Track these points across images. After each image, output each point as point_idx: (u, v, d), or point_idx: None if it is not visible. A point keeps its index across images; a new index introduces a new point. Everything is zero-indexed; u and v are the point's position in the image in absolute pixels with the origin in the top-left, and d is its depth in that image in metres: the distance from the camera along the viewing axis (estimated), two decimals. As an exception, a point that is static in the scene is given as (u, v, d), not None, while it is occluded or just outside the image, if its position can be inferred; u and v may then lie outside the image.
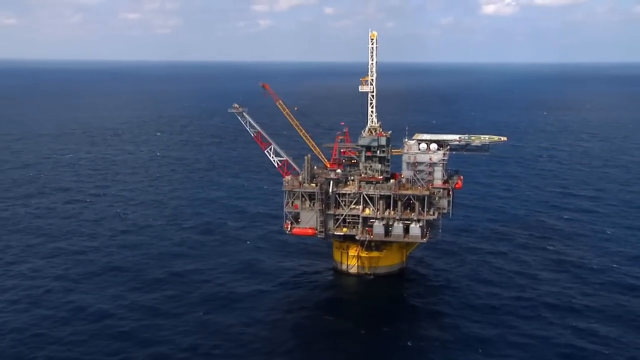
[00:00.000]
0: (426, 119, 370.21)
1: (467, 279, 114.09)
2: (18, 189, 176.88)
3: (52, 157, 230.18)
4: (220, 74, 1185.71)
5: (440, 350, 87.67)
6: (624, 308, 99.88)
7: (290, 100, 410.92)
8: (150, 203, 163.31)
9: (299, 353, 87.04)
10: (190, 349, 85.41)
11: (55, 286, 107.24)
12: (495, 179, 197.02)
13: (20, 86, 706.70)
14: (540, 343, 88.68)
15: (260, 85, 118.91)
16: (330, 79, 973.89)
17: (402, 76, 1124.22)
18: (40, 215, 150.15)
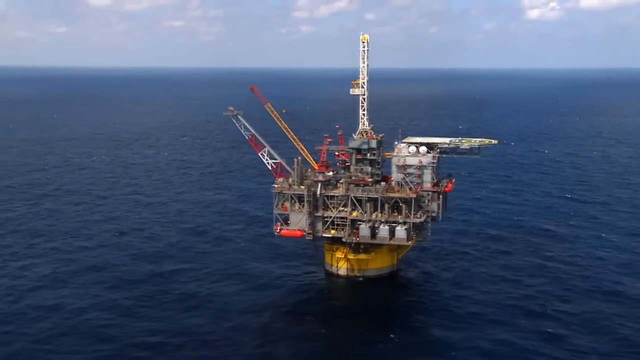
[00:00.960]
0: (453, 124, 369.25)
1: (453, 285, 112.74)
2: (32, 190, 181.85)
3: (74, 160, 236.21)
4: (262, 80, 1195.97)
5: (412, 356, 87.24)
6: (602, 315, 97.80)
7: (322, 104, 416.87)
8: (156, 205, 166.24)
9: (259, 354, 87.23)
10: (155, 346, 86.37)
11: (37, 285, 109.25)
12: (506, 184, 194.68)
13: (63, 92, 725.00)
14: (512, 350, 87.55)
15: (249, 88, 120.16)
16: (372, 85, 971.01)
17: (442, 82, 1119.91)
18: (45, 216, 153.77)
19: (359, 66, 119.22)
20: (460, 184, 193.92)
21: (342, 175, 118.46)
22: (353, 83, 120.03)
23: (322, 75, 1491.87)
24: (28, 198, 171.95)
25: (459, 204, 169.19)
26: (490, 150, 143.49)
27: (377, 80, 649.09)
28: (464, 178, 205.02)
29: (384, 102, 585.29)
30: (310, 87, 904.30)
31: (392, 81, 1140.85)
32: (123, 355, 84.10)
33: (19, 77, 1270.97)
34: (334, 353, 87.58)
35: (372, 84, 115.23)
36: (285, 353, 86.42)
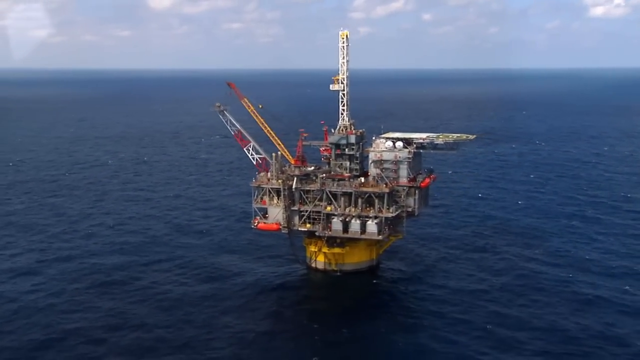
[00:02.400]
0: (485, 124, 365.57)
1: (431, 282, 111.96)
2: (43, 185, 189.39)
3: (100, 158, 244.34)
4: (316, 81, 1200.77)
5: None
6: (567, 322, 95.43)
7: (359, 104, 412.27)
8: (157, 200, 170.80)
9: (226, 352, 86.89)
10: (99, 342, 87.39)
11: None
12: (523, 185, 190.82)
13: (119, 94, 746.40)
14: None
15: (226, 83, 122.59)
16: (425, 85, 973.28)
17: (496, 83, 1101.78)
18: (47, 210, 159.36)
19: (419, 67, 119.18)
20: (467, 181, 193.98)
21: (320, 170, 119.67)
22: (333, 79, 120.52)
23: (378, 76, 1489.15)
24: (41, 194, 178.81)
25: (456, 201, 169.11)
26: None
27: (430, 80, 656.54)
28: (472, 175, 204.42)
29: (426, 101, 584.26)
30: (359, 87, 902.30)
31: (445, 82, 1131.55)
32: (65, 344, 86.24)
33: (83, 80, 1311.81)
34: (301, 347, 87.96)
35: (425, 85, 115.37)
36: (252, 348, 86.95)
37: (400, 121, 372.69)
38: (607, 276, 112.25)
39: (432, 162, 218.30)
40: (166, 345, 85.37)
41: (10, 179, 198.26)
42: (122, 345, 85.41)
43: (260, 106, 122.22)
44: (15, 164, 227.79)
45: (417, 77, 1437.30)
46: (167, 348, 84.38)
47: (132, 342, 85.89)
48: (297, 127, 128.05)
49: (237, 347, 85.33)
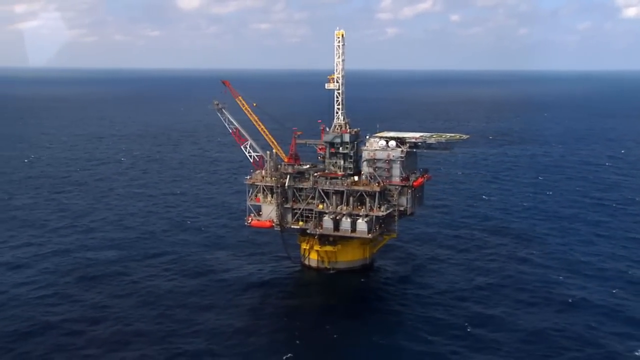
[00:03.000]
0: (503, 126, 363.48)
1: (417, 284, 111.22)
2: (55, 182, 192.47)
3: (114, 155, 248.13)
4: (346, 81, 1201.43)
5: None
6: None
7: (384, 103, 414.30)
8: (161, 197, 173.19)
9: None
10: (78, 333, 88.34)
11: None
12: (528, 187, 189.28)
13: (142, 93, 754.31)
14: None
15: (220, 82, 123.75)
16: (452, 87, 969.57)
17: (523, 84, 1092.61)
18: (53, 205, 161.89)
19: (447, 68, 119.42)
20: (474, 182, 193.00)
21: (313, 168, 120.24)
22: (329, 78, 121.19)
23: (404, 78, 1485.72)
24: (50, 189, 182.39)
25: (459, 202, 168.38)
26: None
27: (457, 82, 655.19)
28: (479, 176, 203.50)
29: (448, 103, 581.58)
30: (383, 89, 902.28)
31: (472, 83, 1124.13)
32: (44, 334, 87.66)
33: (112, 79, 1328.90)
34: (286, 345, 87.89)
35: (451, 86, 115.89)
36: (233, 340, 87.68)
37: (418, 122, 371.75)
38: (597, 279, 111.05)
39: (442, 163, 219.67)
40: (143, 338, 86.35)
41: (23, 175, 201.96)
42: (100, 338, 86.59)
43: (255, 104, 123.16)
44: (30, 160, 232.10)
45: (444, 78, 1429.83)
46: (144, 342, 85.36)
47: (110, 336, 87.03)
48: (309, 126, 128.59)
49: (212, 342, 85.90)
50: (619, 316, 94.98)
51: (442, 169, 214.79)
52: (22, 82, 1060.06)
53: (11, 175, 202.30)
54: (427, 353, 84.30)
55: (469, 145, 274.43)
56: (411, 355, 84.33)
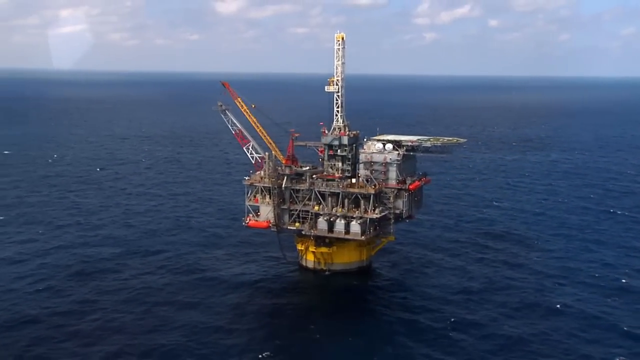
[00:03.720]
0: (530, 132, 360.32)
1: (407, 289, 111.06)
2: (71, 180, 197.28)
3: (136, 156, 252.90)
4: (382, 86, 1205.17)
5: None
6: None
7: (408, 109, 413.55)
8: (170, 197, 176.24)
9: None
10: (58, 327, 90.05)
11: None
12: (542, 194, 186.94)
13: (177, 95, 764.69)
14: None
15: (220, 83, 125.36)
16: (488, 92, 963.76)
17: (560, 91, 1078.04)
18: (64, 203, 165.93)
19: (486, 74, 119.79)
20: (488, 188, 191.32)
21: (313, 170, 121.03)
22: (329, 80, 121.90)
23: (440, 83, 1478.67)
24: (65, 188, 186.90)
25: (468, 207, 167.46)
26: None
27: (494, 88, 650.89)
28: (494, 182, 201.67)
29: (480, 108, 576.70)
30: (419, 94, 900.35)
31: (509, 89, 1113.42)
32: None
33: (150, 82, 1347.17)
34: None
35: (487, 92, 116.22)
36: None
37: (444, 127, 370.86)
38: (591, 287, 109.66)
39: (458, 168, 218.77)
40: (123, 333, 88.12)
41: (42, 173, 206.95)
42: (81, 331, 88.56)
43: (253, 106, 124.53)
44: (53, 159, 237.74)
45: (481, 84, 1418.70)
46: (123, 337, 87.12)
47: (91, 330, 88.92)
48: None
49: (191, 338, 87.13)
50: (603, 324, 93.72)
51: (457, 174, 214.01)
52: (65, 84, 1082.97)
53: (32, 173, 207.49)
54: (400, 356, 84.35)
55: (488, 151, 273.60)
56: (383, 357, 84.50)
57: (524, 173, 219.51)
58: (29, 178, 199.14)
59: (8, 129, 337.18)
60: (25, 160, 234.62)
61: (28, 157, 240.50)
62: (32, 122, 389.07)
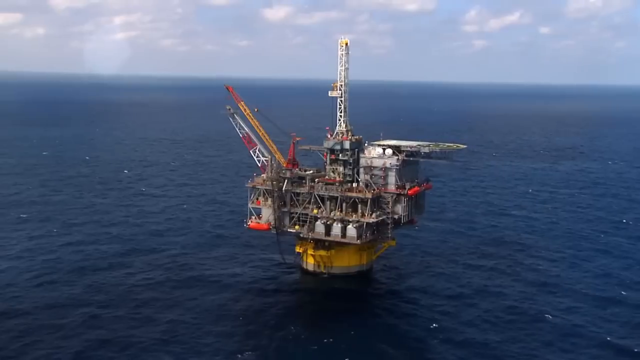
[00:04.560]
0: (565, 141, 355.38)
1: (400, 296, 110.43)
2: (96, 180, 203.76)
3: (166, 159, 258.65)
4: (429, 93, 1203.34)
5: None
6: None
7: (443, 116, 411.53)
8: (184, 198, 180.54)
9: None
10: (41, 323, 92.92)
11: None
12: (559, 203, 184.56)
13: (220, 100, 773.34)
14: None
15: (224, 87, 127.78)
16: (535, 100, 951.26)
17: (609, 99, 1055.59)
18: (82, 202, 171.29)
19: (534, 81, 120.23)
20: (508, 197, 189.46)
21: (318, 174, 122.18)
22: (333, 85, 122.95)
23: (488, 91, 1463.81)
24: (83, 186, 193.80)
25: (481, 215, 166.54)
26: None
27: (542, 96, 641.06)
28: (514, 191, 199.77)
29: (522, 117, 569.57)
30: (463, 101, 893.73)
31: (556, 97, 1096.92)
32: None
33: (197, 86, 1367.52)
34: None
35: (531, 100, 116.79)
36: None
37: (479, 135, 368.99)
38: (580, 296, 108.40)
39: (477, 176, 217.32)
40: (103, 329, 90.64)
41: (69, 174, 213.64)
42: (65, 325, 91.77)
43: (257, 109, 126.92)
44: (86, 161, 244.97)
45: (531, 92, 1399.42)
46: (102, 332, 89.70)
47: (75, 326, 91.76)
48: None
49: (168, 337, 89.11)
50: (586, 335, 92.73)
51: (479, 182, 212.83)
52: (115, 89, 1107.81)
53: (61, 173, 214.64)
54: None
55: (515, 159, 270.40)
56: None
57: (547, 182, 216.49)
58: (57, 177, 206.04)
59: (52, 131, 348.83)
60: (58, 161, 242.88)
61: (62, 158, 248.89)
62: (76, 124, 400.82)
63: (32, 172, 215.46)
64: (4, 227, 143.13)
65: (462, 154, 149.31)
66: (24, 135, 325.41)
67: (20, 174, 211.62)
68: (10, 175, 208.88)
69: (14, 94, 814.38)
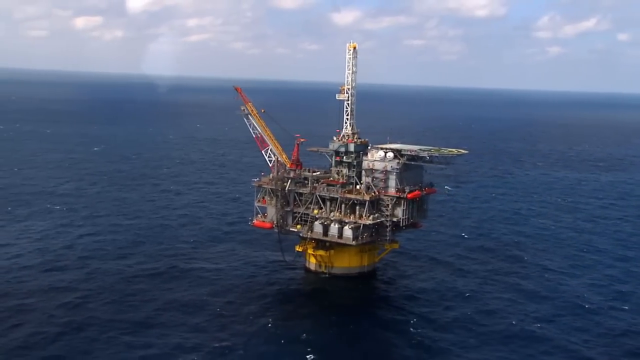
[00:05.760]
0: (618, 152, 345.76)
1: (393, 303, 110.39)
2: (133, 175, 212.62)
3: (207, 157, 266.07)
4: (497, 101, 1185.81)
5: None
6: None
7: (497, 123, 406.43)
8: (206, 195, 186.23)
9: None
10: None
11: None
12: (579, 212, 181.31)
13: (285, 102, 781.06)
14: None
15: (233, 87, 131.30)
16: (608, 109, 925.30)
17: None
18: (111, 196, 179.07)
19: (612, 90, 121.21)
20: (527, 204, 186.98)
21: (325, 175, 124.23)
22: (340, 88, 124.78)
23: (563, 99, 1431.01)
24: (117, 180, 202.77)
25: (495, 222, 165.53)
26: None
27: (616, 105, 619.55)
28: (540, 199, 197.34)
29: (587, 126, 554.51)
30: (526, 109, 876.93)
31: (633, 107, 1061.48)
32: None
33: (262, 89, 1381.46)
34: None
35: (605, 109, 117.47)
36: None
37: (529, 144, 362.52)
38: (570, 309, 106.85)
39: (509, 184, 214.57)
40: (82, 317, 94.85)
41: (109, 169, 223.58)
42: (50, 308, 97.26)
43: (263, 110, 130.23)
44: (131, 157, 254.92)
45: (607, 101, 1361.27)
46: (84, 319, 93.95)
47: (65, 309, 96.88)
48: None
49: (145, 330, 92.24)
50: (563, 348, 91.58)
51: (507, 189, 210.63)
52: (182, 90, 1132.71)
53: (102, 168, 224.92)
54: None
55: (557, 168, 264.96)
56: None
57: (580, 192, 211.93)
58: (96, 172, 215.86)
59: (110, 129, 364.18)
60: (104, 157, 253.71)
61: (108, 155, 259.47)
62: (135, 123, 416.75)
63: (76, 166, 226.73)
64: (31, 216, 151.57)
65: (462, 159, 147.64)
66: (83, 132, 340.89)
67: (65, 168, 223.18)
68: (53, 169, 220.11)
69: (89, 94, 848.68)
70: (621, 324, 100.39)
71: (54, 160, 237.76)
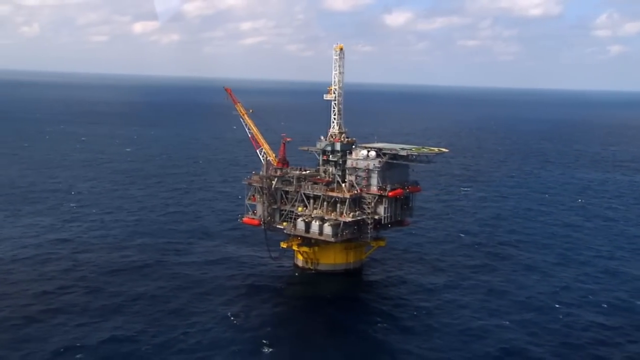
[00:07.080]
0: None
1: (375, 298, 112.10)
2: (153, 174, 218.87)
3: (229, 158, 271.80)
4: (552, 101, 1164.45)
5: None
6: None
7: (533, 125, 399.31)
8: (213, 193, 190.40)
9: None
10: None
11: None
12: (587, 213, 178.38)
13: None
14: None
15: (223, 88, 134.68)
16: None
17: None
18: (124, 193, 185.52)
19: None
20: (539, 204, 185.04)
21: (314, 174, 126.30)
22: (328, 89, 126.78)
23: (623, 99, 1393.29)
24: (136, 178, 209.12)
25: (501, 220, 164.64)
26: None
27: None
28: (551, 199, 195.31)
29: (627, 126, 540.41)
30: (577, 109, 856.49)
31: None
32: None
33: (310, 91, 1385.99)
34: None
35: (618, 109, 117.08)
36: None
37: (563, 144, 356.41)
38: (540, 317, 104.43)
39: (523, 184, 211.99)
40: (59, 301, 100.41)
41: (134, 167, 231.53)
42: (33, 295, 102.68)
43: (251, 110, 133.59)
44: (159, 157, 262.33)
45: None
46: (67, 312, 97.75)
47: (53, 305, 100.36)
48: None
49: (126, 323, 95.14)
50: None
51: (525, 189, 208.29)
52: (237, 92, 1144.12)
53: (124, 166, 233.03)
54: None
55: (585, 169, 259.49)
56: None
57: (603, 194, 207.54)
58: (117, 171, 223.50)
59: (151, 130, 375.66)
60: (132, 157, 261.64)
61: (137, 155, 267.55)
62: (177, 124, 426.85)
63: (100, 166, 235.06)
64: (40, 212, 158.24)
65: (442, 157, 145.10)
66: (121, 134, 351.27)
67: (90, 167, 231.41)
68: (79, 168, 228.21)
69: (141, 96, 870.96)
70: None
71: (83, 160, 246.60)
